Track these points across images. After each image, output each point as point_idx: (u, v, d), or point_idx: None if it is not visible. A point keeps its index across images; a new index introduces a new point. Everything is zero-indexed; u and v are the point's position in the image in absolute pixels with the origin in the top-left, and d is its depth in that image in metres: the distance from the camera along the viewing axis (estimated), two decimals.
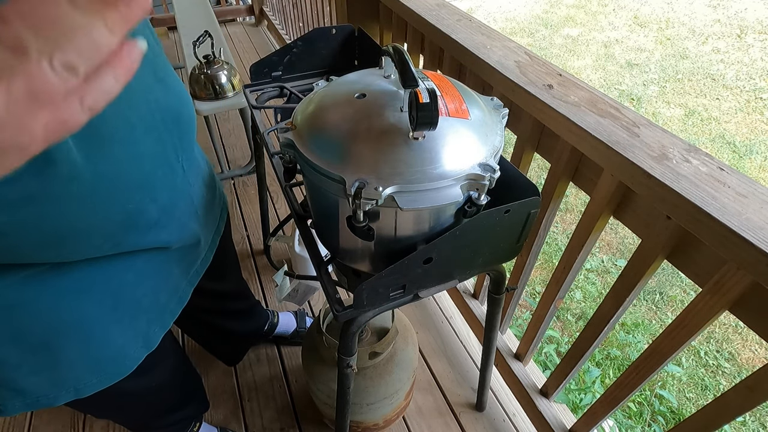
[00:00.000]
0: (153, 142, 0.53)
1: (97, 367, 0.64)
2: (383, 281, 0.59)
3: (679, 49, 4.38)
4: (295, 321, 1.47)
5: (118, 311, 0.63)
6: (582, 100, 0.76)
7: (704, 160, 0.63)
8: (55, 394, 0.62)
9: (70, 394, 0.63)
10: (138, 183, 0.52)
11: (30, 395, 0.60)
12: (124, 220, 0.53)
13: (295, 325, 1.46)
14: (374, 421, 1.11)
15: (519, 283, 1.10)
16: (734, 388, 0.65)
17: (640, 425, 1.75)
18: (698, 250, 0.64)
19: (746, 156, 3.16)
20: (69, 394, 0.63)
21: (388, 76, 0.60)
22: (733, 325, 2.16)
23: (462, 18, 1.06)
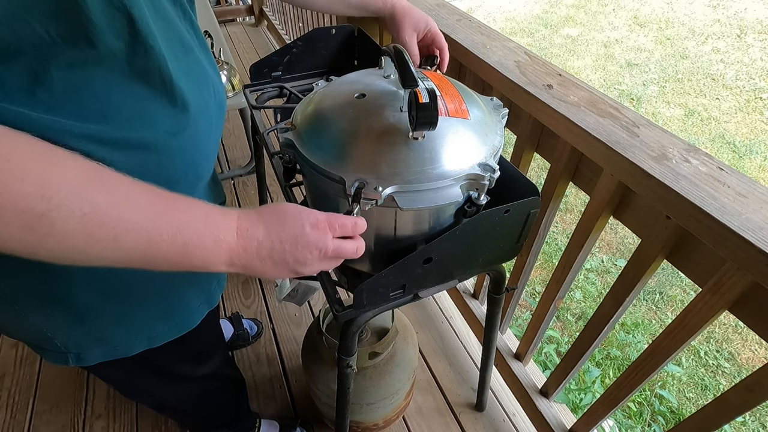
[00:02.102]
0: (212, 124, 0.59)
1: (168, 317, 0.67)
2: (383, 281, 0.59)
3: (678, 49, 4.38)
4: (231, 326, 1.47)
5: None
6: (582, 100, 0.76)
7: (704, 160, 0.63)
8: (130, 342, 0.64)
9: (143, 343, 0.65)
10: (205, 154, 0.58)
11: (109, 343, 0.63)
12: (193, 180, 0.59)
13: (232, 330, 1.45)
14: (374, 421, 1.11)
15: (519, 283, 1.10)
16: (734, 388, 0.65)
17: (640, 425, 1.75)
18: (698, 250, 0.64)
19: (746, 156, 3.16)
20: (143, 343, 0.65)
21: (388, 76, 0.60)
22: (733, 325, 2.16)
23: (462, 18, 1.06)
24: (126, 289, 0.60)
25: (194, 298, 0.71)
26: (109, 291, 0.58)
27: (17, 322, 0.56)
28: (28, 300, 0.54)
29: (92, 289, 0.56)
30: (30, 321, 0.55)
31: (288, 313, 1.57)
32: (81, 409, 1.32)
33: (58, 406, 1.32)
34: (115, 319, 0.61)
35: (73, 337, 0.60)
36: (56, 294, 0.55)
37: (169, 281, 0.65)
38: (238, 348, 1.45)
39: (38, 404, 1.33)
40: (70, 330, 0.59)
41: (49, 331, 0.57)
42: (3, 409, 1.32)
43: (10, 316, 0.55)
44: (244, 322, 1.46)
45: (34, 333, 0.58)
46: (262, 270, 0.46)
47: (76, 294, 0.55)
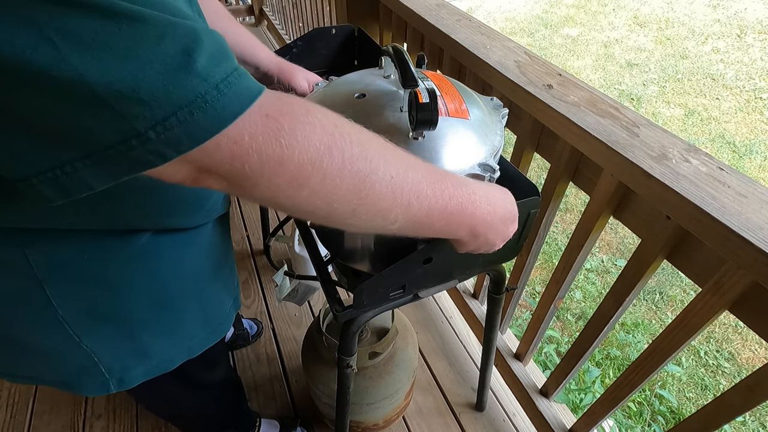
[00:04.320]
0: None
1: (206, 324, 0.68)
2: (383, 281, 0.59)
3: (678, 49, 4.38)
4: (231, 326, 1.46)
5: (218, 269, 0.68)
6: (582, 100, 0.76)
7: (704, 160, 0.63)
8: (172, 355, 0.65)
9: (183, 355, 0.66)
10: None
11: (152, 359, 0.63)
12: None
13: (232, 330, 1.46)
14: (374, 421, 1.11)
15: (519, 283, 1.10)
16: (734, 388, 0.65)
17: (640, 425, 1.75)
18: (698, 250, 0.64)
19: (746, 156, 3.16)
20: (183, 354, 0.66)
21: (388, 76, 0.60)
22: (733, 325, 2.16)
23: (462, 18, 1.06)
24: (174, 296, 0.61)
25: (226, 301, 0.71)
26: (160, 300, 0.59)
27: (67, 350, 0.55)
28: (86, 320, 0.54)
29: (145, 300, 0.57)
30: (83, 345, 0.55)
31: (288, 313, 1.57)
32: (81, 409, 1.32)
33: (58, 406, 1.32)
34: (161, 331, 0.61)
35: (119, 357, 0.60)
36: (114, 309, 0.55)
37: (209, 285, 0.66)
38: (238, 348, 1.45)
39: (38, 404, 1.33)
40: (118, 348, 0.59)
41: (97, 355, 0.57)
42: (3, 409, 1.32)
43: (62, 344, 0.54)
44: (244, 321, 1.46)
45: (79, 361, 0.57)
46: (486, 242, 0.50)
47: (131, 306, 0.56)
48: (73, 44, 0.24)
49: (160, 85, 0.26)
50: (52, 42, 0.24)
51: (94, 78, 0.25)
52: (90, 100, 0.25)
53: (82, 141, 0.27)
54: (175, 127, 0.27)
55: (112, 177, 0.29)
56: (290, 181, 0.32)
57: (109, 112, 0.26)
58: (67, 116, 0.26)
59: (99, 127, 0.26)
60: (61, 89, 0.25)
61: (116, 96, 0.25)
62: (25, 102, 0.25)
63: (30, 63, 0.24)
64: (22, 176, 0.28)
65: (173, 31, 0.27)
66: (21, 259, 0.46)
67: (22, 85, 0.25)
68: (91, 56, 0.25)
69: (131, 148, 0.27)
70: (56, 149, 0.27)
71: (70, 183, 0.28)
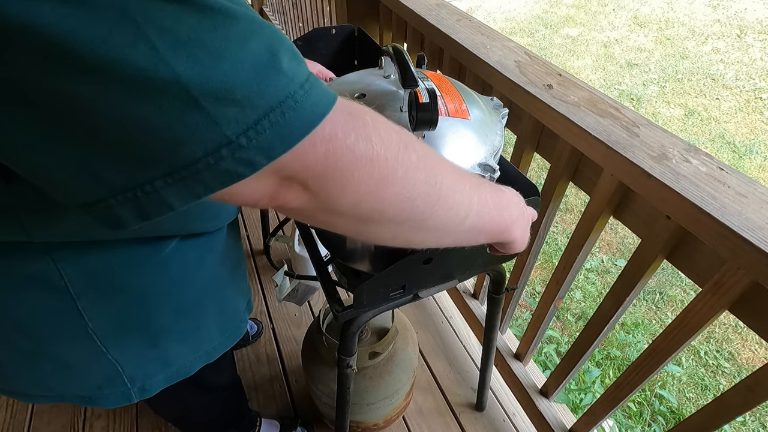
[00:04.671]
0: None
1: (224, 327, 0.68)
2: (383, 281, 0.59)
3: (678, 49, 4.38)
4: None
5: (233, 273, 0.68)
6: (582, 100, 0.76)
7: (704, 160, 0.63)
8: (192, 360, 0.65)
9: (202, 359, 0.66)
10: None
11: (173, 365, 0.63)
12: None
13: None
14: (374, 421, 1.11)
15: (519, 283, 1.10)
16: (734, 388, 0.65)
17: (640, 425, 1.75)
18: (698, 250, 0.64)
19: (746, 156, 3.16)
20: (201, 359, 0.66)
21: (388, 76, 0.60)
22: (733, 325, 2.16)
23: (462, 18, 1.06)
24: (195, 302, 0.61)
25: (240, 303, 0.72)
26: (182, 306, 0.59)
27: (93, 362, 0.55)
28: (114, 331, 0.54)
29: (169, 307, 0.57)
30: (109, 356, 0.55)
31: (288, 313, 1.57)
32: (81, 409, 1.32)
33: (58, 406, 1.32)
34: (182, 337, 0.61)
35: (142, 366, 0.59)
36: (140, 318, 0.55)
37: (226, 289, 0.66)
38: (238, 348, 1.45)
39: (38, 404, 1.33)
40: (142, 357, 0.58)
41: (121, 365, 0.57)
42: (3, 409, 1.32)
43: (89, 356, 0.54)
44: None
45: (103, 373, 0.57)
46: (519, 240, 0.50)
47: (156, 314, 0.56)
48: (171, 41, 0.22)
49: (253, 85, 0.24)
50: (149, 39, 0.22)
51: (190, 78, 0.23)
52: (183, 104, 0.23)
53: (168, 155, 0.24)
54: (267, 130, 0.25)
55: (195, 195, 0.26)
56: (379, 178, 0.31)
57: (202, 117, 0.24)
58: (155, 125, 0.23)
59: (188, 136, 0.24)
60: (154, 93, 0.23)
61: (211, 98, 0.23)
62: (113, 110, 0.23)
63: (125, 63, 0.22)
64: (96, 198, 0.26)
65: (260, 29, 0.26)
66: (54, 273, 0.46)
67: (113, 90, 0.22)
68: (187, 55, 0.23)
69: (220, 159, 0.25)
70: (137, 166, 0.25)
71: (149, 204, 0.26)
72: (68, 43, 0.21)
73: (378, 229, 0.35)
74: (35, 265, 0.45)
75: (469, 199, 0.39)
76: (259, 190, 0.29)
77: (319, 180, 0.29)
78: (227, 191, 0.27)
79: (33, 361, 0.53)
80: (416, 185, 0.33)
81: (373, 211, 0.33)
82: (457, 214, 0.38)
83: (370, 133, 0.30)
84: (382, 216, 0.33)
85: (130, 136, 0.24)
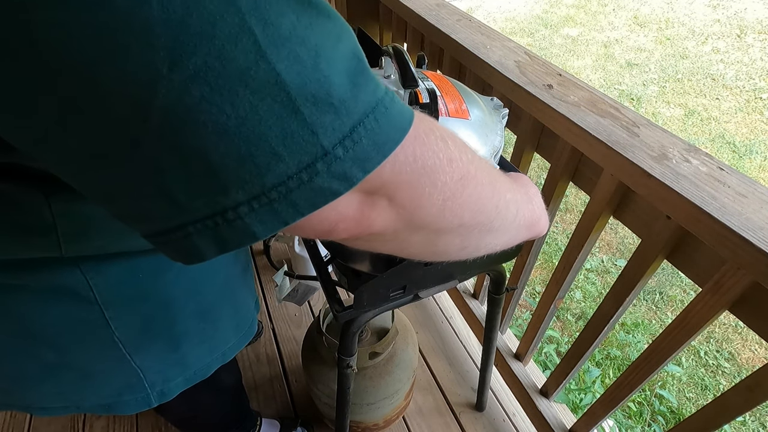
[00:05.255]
0: None
1: (237, 328, 0.68)
2: (383, 282, 0.59)
3: (678, 49, 4.38)
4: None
5: (244, 272, 0.69)
6: (582, 100, 0.76)
7: (704, 160, 0.63)
8: (209, 362, 0.65)
9: (218, 361, 0.66)
10: None
11: (191, 368, 0.63)
12: None
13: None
14: (374, 421, 1.11)
15: (519, 283, 1.10)
16: (734, 388, 0.65)
17: (640, 425, 1.75)
18: (698, 250, 0.64)
19: (746, 156, 3.16)
20: (218, 360, 0.66)
21: (388, 76, 0.60)
22: (733, 325, 2.16)
23: (462, 18, 1.06)
24: (212, 304, 0.61)
25: (251, 303, 0.72)
26: (201, 309, 0.59)
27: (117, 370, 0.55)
28: (138, 338, 0.54)
29: (189, 311, 0.57)
30: (133, 363, 0.55)
31: (288, 313, 1.57)
32: None
33: None
34: (200, 340, 0.61)
35: (162, 370, 0.59)
36: (163, 323, 0.55)
37: (238, 289, 0.67)
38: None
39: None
40: (163, 362, 0.59)
41: (143, 371, 0.57)
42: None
43: (113, 364, 0.54)
44: None
45: (125, 380, 0.57)
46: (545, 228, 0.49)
47: (177, 319, 0.56)
48: (273, 36, 0.19)
49: (347, 89, 0.22)
50: (252, 33, 0.19)
51: (291, 79, 0.20)
52: (282, 109, 0.20)
53: (257, 173, 0.21)
54: (363, 139, 0.22)
55: (282, 222, 0.23)
56: (458, 179, 0.28)
57: (299, 125, 0.21)
58: (248, 135, 0.20)
59: (283, 148, 0.21)
60: (252, 97, 0.19)
61: (309, 102, 0.21)
62: (206, 120, 0.19)
63: (227, 62, 0.19)
64: (171, 226, 0.22)
65: (348, 30, 0.24)
66: (83, 284, 0.46)
67: (206, 94, 0.19)
68: (287, 53, 0.20)
69: (315, 175, 0.22)
70: (219, 188, 0.21)
71: (230, 233, 0.22)
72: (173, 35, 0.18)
73: (451, 240, 0.32)
74: (64, 278, 0.45)
75: (513, 194, 0.37)
76: (343, 212, 0.25)
77: (407, 189, 0.26)
78: (309, 218, 0.24)
79: (55, 373, 0.53)
80: (483, 183, 0.32)
81: (453, 218, 0.30)
82: (510, 210, 0.36)
83: (441, 132, 0.28)
84: (460, 222, 0.31)
85: (218, 153, 0.20)
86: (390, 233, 0.29)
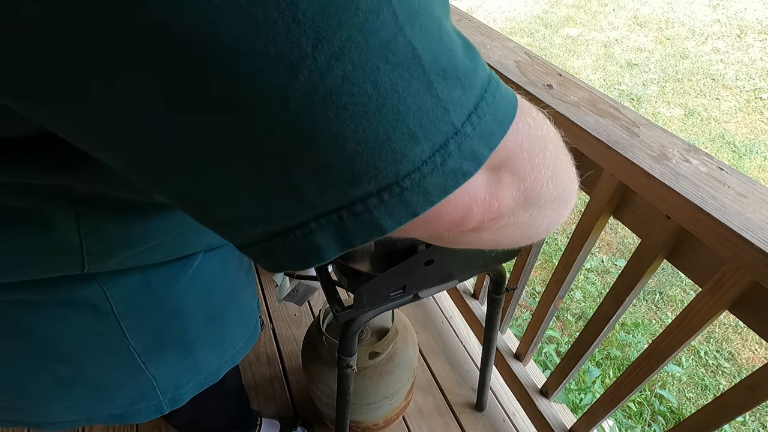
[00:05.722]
0: None
1: (244, 330, 0.68)
2: (384, 282, 0.59)
3: (678, 49, 4.38)
4: None
5: (248, 274, 0.69)
6: (582, 100, 0.76)
7: (704, 160, 0.63)
8: (219, 366, 0.65)
9: (228, 364, 0.66)
10: None
11: (201, 373, 0.62)
12: None
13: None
14: (374, 421, 1.11)
15: (519, 283, 1.10)
16: (734, 388, 0.65)
17: (640, 425, 1.75)
18: (698, 250, 0.64)
19: (746, 156, 3.16)
20: (227, 363, 0.66)
21: None
22: (733, 325, 2.16)
23: (462, 18, 1.06)
24: (221, 308, 0.61)
25: (255, 305, 0.72)
26: (211, 315, 0.59)
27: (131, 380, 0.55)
28: (153, 347, 0.54)
29: (200, 317, 0.57)
30: (148, 372, 0.55)
31: (288, 313, 1.57)
32: None
33: None
34: (210, 345, 0.61)
35: (175, 377, 0.59)
36: (176, 331, 0.55)
37: (244, 292, 0.67)
38: None
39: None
40: (175, 369, 0.58)
41: (156, 380, 0.57)
42: None
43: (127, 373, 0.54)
44: None
45: (138, 389, 0.57)
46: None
47: (189, 326, 0.56)
48: (407, 8, 0.18)
49: (467, 61, 0.21)
50: (391, 5, 0.17)
51: (425, 52, 0.19)
52: (419, 85, 0.19)
53: (392, 160, 0.19)
54: (486, 114, 0.21)
55: (411, 212, 0.21)
56: (558, 149, 0.28)
57: (433, 101, 0.19)
58: (387, 116, 0.18)
59: (420, 129, 0.19)
60: (392, 73, 0.18)
61: (441, 76, 0.19)
62: (347, 102, 0.18)
63: (370, 35, 0.17)
64: (292, 224, 0.21)
65: (449, 6, 0.23)
66: (100, 297, 0.45)
67: (348, 72, 0.17)
68: (420, 25, 0.18)
69: (447, 156, 0.20)
70: (353, 180, 0.19)
71: (356, 228, 0.21)
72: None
73: (547, 215, 0.30)
74: (82, 291, 0.44)
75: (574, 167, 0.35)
76: (475, 194, 0.23)
77: (528, 160, 0.25)
78: (443, 206, 0.22)
79: (68, 387, 0.52)
80: (567, 153, 0.30)
81: (555, 189, 0.28)
82: (576, 182, 0.34)
83: (532, 105, 0.27)
84: (558, 194, 0.29)
85: (354, 136, 0.18)
86: (510, 214, 0.27)
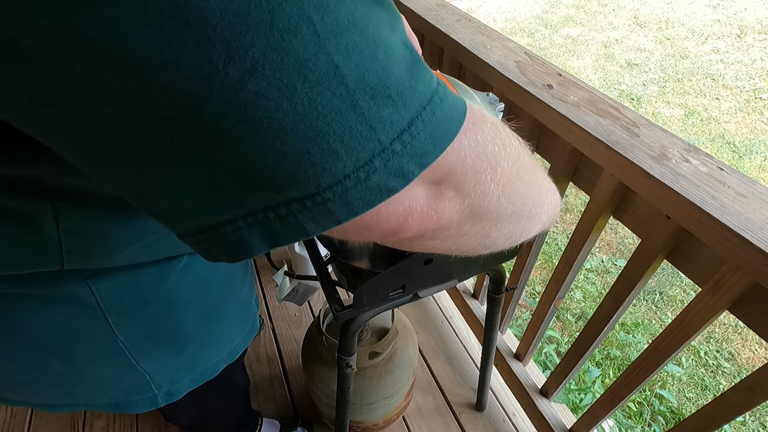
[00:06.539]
0: None
1: (242, 326, 0.68)
2: (383, 282, 0.59)
3: (678, 49, 4.38)
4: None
5: (244, 271, 0.68)
6: (582, 100, 0.76)
7: (704, 160, 0.63)
8: (215, 362, 0.65)
9: (225, 360, 0.66)
10: None
11: (198, 369, 0.63)
12: None
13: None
14: (374, 421, 1.11)
15: (519, 283, 1.10)
16: (734, 388, 0.65)
17: (640, 425, 1.75)
18: (698, 250, 0.64)
19: (746, 156, 3.16)
20: (224, 359, 0.66)
21: None
22: (733, 325, 2.16)
23: (462, 18, 1.06)
24: (216, 304, 0.61)
25: (252, 301, 0.72)
26: (205, 310, 0.59)
27: (123, 375, 0.55)
28: (144, 343, 0.54)
29: (192, 313, 0.57)
30: (139, 367, 0.55)
31: (288, 313, 1.57)
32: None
33: None
34: (207, 341, 0.61)
35: (169, 372, 0.59)
36: (168, 327, 0.55)
37: (240, 287, 0.67)
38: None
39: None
40: (169, 365, 0.59)
41: (150, 374, 0.57)
42: (3, 409, 1.32)
43: (119, 369, 0.54)
44: None
45: (132, 382, 0.57)
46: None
47: (182, 321, 0.56)
48: (332, 25, 0.18)
49: (405, 79, 0.21)
50: (311, 21, 0.18)
51: (349, 70, 0.19)
52: (341, 103, 0.19)
53: (313, 172, 0.20)
54: (420, 132, 0.21)
55: (334, 221, 0.22)
56: (513, 164, 0.28)
57: (357, 120, 0.20)
58: (305, 132, 0.19)
59: (341, 146, 0.20)
60: (311, 91, 0.18)
61: (368, 94, 0.20)
62: (262, 116, 0.18)
63: (285, 53, 0.17)
64: (221, 220, 0.22)
65: (399, 19, 0.23)
66: (87, 293, 0.46)
67: (263, 89, 0.18)
68: (346, 43, 0.19)
69: (372, 173, 0.21)
70: (275, 187, 0.20)
71: (281, 229, 0.22)
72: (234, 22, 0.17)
73: (503, 229, 0.32)
74: (69, 286, 0.45)
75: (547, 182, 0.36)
76: (411, 206, 0.24)
77: (472, 176, 0.26)
78: (376, 215, 0.23)
79: (63, 380, 0.53)
80: (530, 169, 0.31)
81: (508, 205, 0.30)
82: (546, 197, 0.35)
83: (492, 119, 0.27)
84: (514, 209, 0.30)
85: (272, 149, 0.19)
86: (454, 226, 0.28)
